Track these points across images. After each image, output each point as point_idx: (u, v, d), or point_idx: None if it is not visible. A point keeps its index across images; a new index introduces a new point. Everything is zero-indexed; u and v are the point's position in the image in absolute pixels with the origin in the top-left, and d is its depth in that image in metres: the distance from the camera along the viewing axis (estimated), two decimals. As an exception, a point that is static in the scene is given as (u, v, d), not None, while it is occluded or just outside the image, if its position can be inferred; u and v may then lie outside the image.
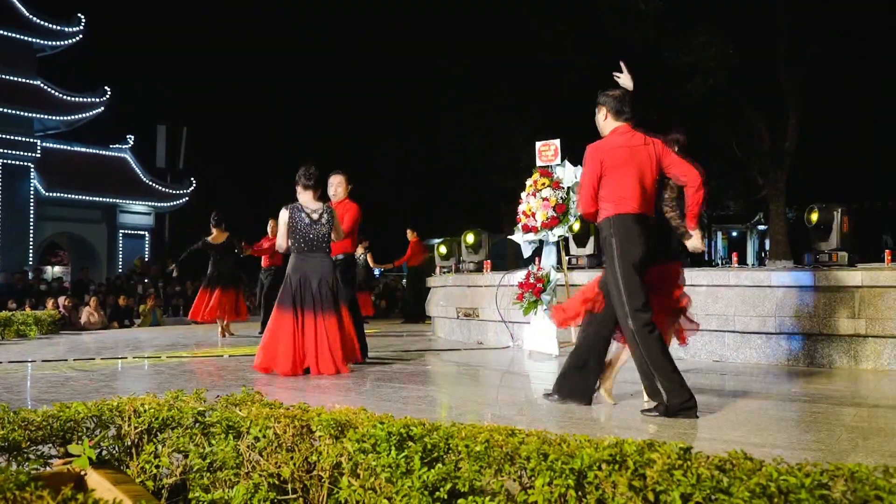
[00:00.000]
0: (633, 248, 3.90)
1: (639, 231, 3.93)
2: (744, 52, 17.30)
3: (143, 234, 25.06)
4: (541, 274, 6.91)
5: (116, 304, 15.52)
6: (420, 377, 5.95)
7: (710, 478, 1.66)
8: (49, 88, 22.36)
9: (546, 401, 4.32)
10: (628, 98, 4.10)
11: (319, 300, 5.76)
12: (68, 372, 6.11)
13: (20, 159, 21.67)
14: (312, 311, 5.74)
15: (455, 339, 9.33)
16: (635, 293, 3.88)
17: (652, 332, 3.85)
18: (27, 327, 10.51)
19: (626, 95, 4.11)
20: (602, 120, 4.16)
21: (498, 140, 22.95)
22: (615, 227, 3.94)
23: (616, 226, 3.94)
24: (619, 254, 3.91)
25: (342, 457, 2.09)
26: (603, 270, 4.15)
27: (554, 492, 1.77)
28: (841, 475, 1.61)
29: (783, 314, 6.27)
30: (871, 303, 5.94)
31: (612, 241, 3.95)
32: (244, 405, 2.50)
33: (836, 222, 6.85)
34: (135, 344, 9.12)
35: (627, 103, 4.08)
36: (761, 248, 31.08)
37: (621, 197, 3.95)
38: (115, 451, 2.37)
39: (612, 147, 4.04)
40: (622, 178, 3.96)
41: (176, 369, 6.25)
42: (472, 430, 2.09)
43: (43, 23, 22.24)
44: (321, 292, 5.78)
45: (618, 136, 4.06)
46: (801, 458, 1.83)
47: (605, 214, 4.00)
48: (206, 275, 10.10)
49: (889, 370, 5.85)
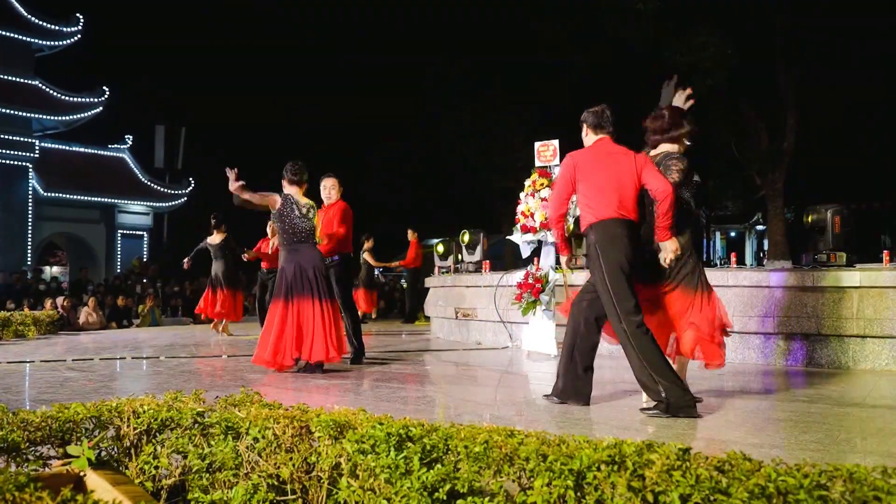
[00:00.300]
0: (616, 252, 3.96)
1: (621, 234, 3.99)
2: (742, 53, 17.30)
3: (142, 234, 25.04)
4: (539, 274, 6.92)
5: (115, 305, 15.51)
6: (419, 378, 5.95)
7: (709, 478, 1.66)
8: (47, 88, 22.34)
9: (545, 401, 4.33)
10: (607, 113, 4.22)
11: (316, 286, 5.85)
12: (67, 372, 6.10)
13: (18, 159, 21.65)
14: (310, 296, 5.83)
15: (454, 339, 9.33)
16: (624, 296, 3.91)
17: (646, 333, 3.89)
18: (26, 327, 10.50)
19: (605, 111, 4.23)
20: (584, 136, 4.31)
21: (497, 140, 22.94)
22: (597, 233, 4.02)
23: (598, 232, 4.02)
24: (604, 259, 3.97)
25: (341, 457, 2.10)
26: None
27: (553, 493, 1.77)
28: (839, 476, 1.61)
29: (782, 314, 6.28)
30: (870, 303, 5.95)
31: (596, 248, 4.02)
32: (243, 406, 2.51)
33: (828, 223, 6.86)
34: (133, 344, 9.11)
35: (606, 118, 4.21)
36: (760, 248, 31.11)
37: (600, 203, 4.03)
38: (114, 451, 2.37)
39: (588, 153, 4.17)
40: (600, 184, 4.05)
41: (175, 369, 6.25)
42: (471, 430, 2.09)
43: (41, 23, 22.20)
44: (317, 279, 5.88)
45: (595, 146, 4.20)
46: (800, 458, 1.83)
47: (587, 222, 4.09)
48: (210, 275, 10.38)
49: (888, 370, 5.86)
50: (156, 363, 6.85)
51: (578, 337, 4.23)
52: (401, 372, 6.15)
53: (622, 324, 3.90)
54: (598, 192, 4.04)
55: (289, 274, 5.89)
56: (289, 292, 5.84)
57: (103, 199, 23.71)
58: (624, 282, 3.93)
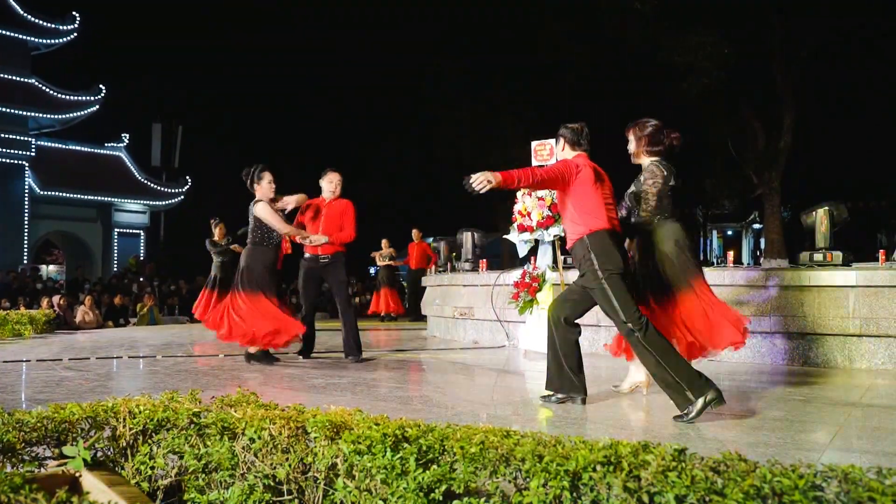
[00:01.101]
0: (611, 259, 3.98)
1: (614, 243, 4.04)
2: (740, 52, 17.33)
3: (139, 232, 25.00)
4: (536, 273, 6.92)
5: (111, 304, 15.48)
6: (416, 377, 5.95)
7: (705, 479, 1.67)
8: (44, 87, 22.29)
9: (543, 401, 4.33)
10: (586, 131, 4.34)
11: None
12: (63, 372, 6.09)
13: (15, 158, 21.61)
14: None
15: (451, 338, 9.33)
16: (627, 303, 3.92)
17: (656, 331, 3.87)
18: (22, 326, 10.47)
19: (584, 129, 4.34)
20: (560, 150, 4.41)
21: (493, 139, 22.96)
22: (592, 243, 4.03)
23: (593, 242, 4.03)
24: (601, 268, 3.98)
25: (338, 458, 2.10)
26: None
27: (549, 493, 1.77)
28: (835, 476, 1.62)
29: (778, 313, 6.29)
30: (866, 302, 5.96)
31: (590, 258, 4.02)
32: (239, 406, 2.50)
33: (817, 222, 6.89)
34: (130, 343, 9.10)
35: (584, 136, 4.33)
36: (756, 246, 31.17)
37: (592, 215, 4.06)
38: (110, 452, 2.37)
39: (587, 165, 4.19)
40: (592, 194, 4.09)
41: (171, 369, 6.24)
42: (467, 431, 2.09)
43: (38, 21, 22.16)
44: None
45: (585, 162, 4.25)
46: (796, 458, 1.84)
47: (580, 233, 4.09)
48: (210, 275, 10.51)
49: (883, 369, 5.87)
50: (152, 363, 6.84)
51: (557, 337, 4.24)
52: (398, 371, 6.15)
53: (635, 333, 3.85)
54: (589, 203, 4.07)
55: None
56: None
57: (100, 198, 23.68)
58: (623, 287, 3.95)
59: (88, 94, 22.87)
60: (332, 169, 6.88)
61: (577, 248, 4.10)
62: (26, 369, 6.36)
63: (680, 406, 3.75)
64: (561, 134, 4.38)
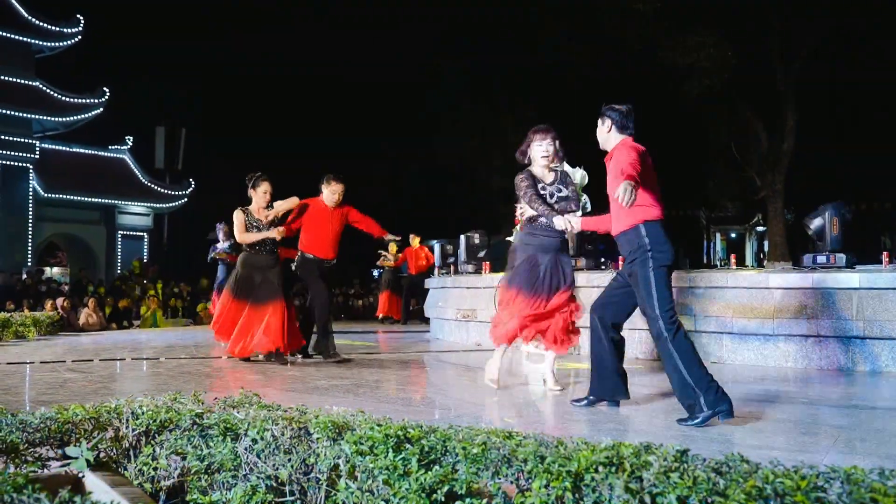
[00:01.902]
0: (664, 251, 3.84)
1: (668, 235, 3.89)
2: (741, 53, 17.31)
3: (142, 235, 25.03)
4: (539, 275, 6.90)
5: (115, 306, 15.50)
6: (418, 379, 5.95)
7: (707, 480, 1.66)
8: (48, 89, 22.34)
9: (573, 405, 4.30)
10: (632, 115, 4.10)
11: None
12: (67, 373, 6.10)
13: (19, 160, 21.64)
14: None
15: (453, 340, 9.33)
16: (667, 299, 3.79)
17: (685, 335, 3.76)
18: (26, 328, 10.50)
19: (631, 111, 4.10)
20: (606, 132, 4.13)
21: (496, 141, 22.97)
22: (649, 231, 3.87)
23: (650, 230, 3.87)
24: (653, 256, 3.82)
25: (340, 459, 2.10)
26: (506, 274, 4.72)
27: (551, 494, 1.77)
28: (837, 478, 1.61)
29: (781, 316, 6.28)
30: (869, 304, 5.95)
31: (645, 244, 3.85)
32: (242, 407, 2.51)
33: (826, 224, 6.87)
34: (133, 345, 9.11)
35: (631, 119, 4.08)
36: (760, 249, 31.09)
37: (649, 203, 3.90)
38: (112, 453, 2.37)
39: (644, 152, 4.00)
40: (650, 182, 3.91)
41: (174, 371, 6.25)
42: (469, 432, 2.09)
43: (42, 24, 22.20)
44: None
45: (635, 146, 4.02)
46: (798, 460, 1.83)
47: (638, 219, 3.89)
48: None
49: (887, 372, 5.86)
50: (155, 364, 6.85)
51: (603, 340, 4.13)
52: (400, 373, 6.15)
53: (665, 332, 3.72)
54: (646, 192, 3.88)
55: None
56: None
57: (104, 200, 23.71)
58: (669, 284, 3.83)
59: (92, 97, 22.92)
60: (336, 179, 6.72)
61: (632, 234, 3.91)
62: (30, 371, 6.38)
63: (688, 411, 3.71)
64: (608, 115, 4.11)
